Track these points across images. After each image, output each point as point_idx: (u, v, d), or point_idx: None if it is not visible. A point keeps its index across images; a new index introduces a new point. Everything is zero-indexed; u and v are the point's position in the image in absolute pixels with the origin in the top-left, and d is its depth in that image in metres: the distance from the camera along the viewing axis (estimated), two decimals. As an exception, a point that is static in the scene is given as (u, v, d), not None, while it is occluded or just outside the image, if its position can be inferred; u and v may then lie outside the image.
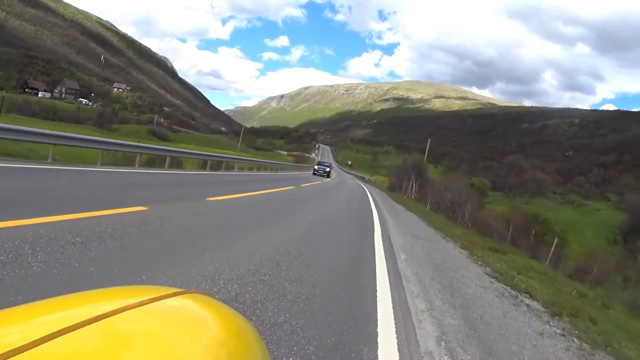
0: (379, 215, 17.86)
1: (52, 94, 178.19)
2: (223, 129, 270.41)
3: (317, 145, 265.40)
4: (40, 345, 0.61)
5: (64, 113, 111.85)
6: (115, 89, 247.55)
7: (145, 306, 0.84)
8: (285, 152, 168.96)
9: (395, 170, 75.29)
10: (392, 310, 5.19)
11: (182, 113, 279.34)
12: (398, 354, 4.02)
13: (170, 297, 0.95)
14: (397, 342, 4.28)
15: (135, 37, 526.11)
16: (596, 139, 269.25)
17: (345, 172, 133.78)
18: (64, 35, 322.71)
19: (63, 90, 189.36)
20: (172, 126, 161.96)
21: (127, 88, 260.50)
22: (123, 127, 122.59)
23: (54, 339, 0.63)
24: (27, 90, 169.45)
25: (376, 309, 5.14)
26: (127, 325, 0.78)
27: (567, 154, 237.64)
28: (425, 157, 66.58)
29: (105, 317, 0.74)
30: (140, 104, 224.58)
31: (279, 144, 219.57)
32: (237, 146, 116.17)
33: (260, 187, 19.11)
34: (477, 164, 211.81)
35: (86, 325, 0.69)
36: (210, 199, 11.53)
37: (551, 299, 7.85)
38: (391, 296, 5.81)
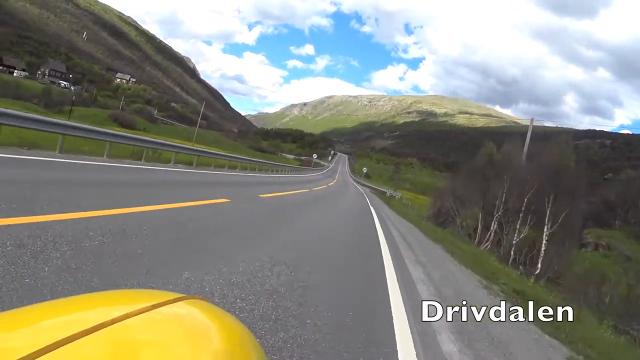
0: None
1: (35, 75, 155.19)
2: (235, 130, 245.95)
3: (332, 152, 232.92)
4: (43, 356, 0.58)
5: (26, 91, 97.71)
6: (118, 79, 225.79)
7: (147, 313, 0.80)
8: (292, 156, 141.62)
9: (466, 176, 37.69)
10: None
11: (191, 111, 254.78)
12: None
13: (171, 303, 0.89)
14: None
15: (160, 37, 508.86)
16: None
17: (359, 183, 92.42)
18: (73, 22, 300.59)
19: (46, 71, 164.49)
20: (154, 116, 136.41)
21: (131, 79, 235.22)
22: (81, 109, 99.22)
23: (56, 348, 0.60)
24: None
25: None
26: (129, 335, 0.74)
27: (605, 177, 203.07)
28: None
29: (107, 326, 0.70)
30: (141, 96, 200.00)
31: (289, 147, 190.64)
32: (238, 145, 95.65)
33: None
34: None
35: (88, 334, 0.66)
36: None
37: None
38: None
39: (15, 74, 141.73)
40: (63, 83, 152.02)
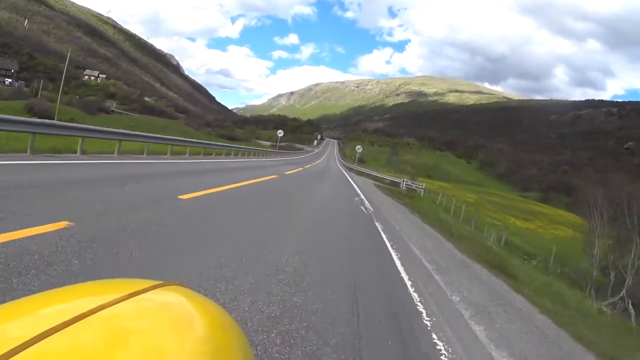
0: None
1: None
2: (209, 119, 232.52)
3: (318, 136, 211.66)
4: (16, 355, 0.55)
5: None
6: (86, 76, 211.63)
7: (122, 303, 0.75)
8: (269, 143, 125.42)
9: None
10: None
11: (167, 105, 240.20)
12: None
13: (148, 290, 0.84)
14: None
15: (144, 36, 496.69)
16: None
17: (351, 170, 62.89)
18: (43, 23, 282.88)
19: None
20: (109, 108, 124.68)
21: (100, 75, 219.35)
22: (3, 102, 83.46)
23: (30, 345, 0.57)
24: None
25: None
26: (105, 325, 0.69)
27: (626, 146, 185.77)
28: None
29: (82, 318, 0.66)
30: (111, 92, 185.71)
31: (269, 134, 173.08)
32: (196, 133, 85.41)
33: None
34: (521, 159, 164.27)
35: (63, 328, 0.62)
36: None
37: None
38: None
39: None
40: (8, 80, 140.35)
